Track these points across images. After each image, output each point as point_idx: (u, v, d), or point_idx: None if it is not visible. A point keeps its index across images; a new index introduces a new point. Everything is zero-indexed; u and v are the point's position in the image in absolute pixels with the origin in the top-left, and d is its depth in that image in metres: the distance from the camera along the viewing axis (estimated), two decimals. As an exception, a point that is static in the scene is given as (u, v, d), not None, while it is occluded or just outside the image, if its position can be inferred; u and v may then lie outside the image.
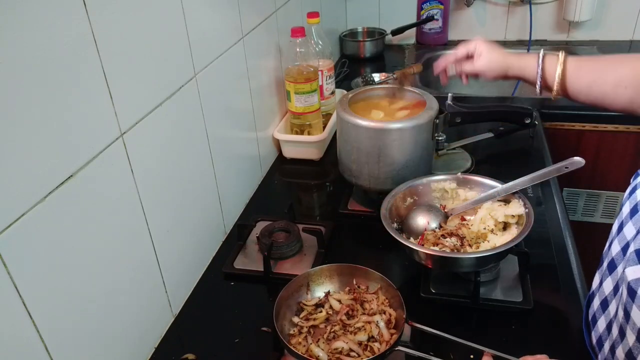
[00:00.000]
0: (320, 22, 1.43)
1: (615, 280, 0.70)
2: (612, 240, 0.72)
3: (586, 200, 1.65)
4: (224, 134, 1.11)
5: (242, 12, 1.14)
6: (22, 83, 0.58)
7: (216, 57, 1.04)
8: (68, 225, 0.66)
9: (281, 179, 1.36)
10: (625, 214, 0.69)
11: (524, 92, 1.96)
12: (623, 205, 0.71)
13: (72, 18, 0.65)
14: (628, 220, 0.68)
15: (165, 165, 0.89)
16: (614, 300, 0.69)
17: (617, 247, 0.69)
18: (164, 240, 0.89)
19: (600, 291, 0.74)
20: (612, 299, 0.70)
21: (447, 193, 1.03)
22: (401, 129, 1.05)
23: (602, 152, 1.55)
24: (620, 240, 0.69)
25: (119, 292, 0.77)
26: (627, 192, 0.71)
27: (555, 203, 1.16)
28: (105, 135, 0.72)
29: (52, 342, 0.64)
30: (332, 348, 0.78)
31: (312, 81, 1.32)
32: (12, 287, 0.58)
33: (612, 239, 0.72)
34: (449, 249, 0.90)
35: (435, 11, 2.02)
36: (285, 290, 0.86)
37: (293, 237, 1.05)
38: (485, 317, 0.90)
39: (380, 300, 0.85)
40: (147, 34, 0.81)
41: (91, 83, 0.69)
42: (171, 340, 0.90)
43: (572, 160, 0.89)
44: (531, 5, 1.93)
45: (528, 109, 1.36)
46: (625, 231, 0.68)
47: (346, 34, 2.09)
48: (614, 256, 0.70)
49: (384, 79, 1.80)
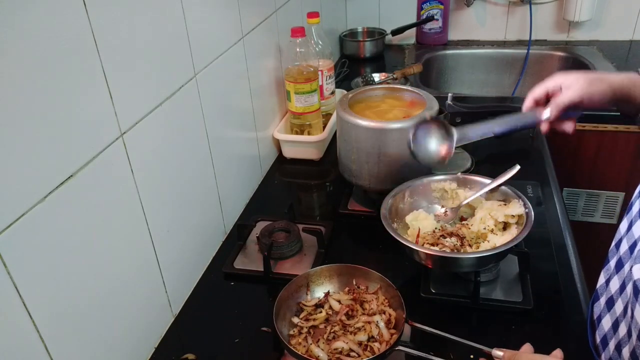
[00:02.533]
0: (320, 22, 1.43)
1: (622, 278, 0.70)
2: (621, 238, 0.71)
3: (586, 200, 1.65)
4: (224, 134, 1.11)
5: (242, 12, 1.14)
6: (22, 83, 0.58)
7: (216, 57, 1.04)
8: (68, 225, 0.66)
9: (281, 179, 1.36)
10: (635, 213, 0.69)
11: (524, 92, 1.96)
12: (633, 205, 0.71)
13: (72, 18, 0.65)
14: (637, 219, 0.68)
15: (165, 165, 0.89)
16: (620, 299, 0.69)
17: (625, 245, 0.69)
18: (164, 240, 0.89)
19: (606, 290, 0.74)
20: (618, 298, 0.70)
21: (447, 193, 1.03)
22: (401, 129, 1.05)
23: (602, 152, 1.55)
24: (628, 238, 0.69)
25: (119, 292, 0.77)
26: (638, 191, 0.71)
27: (555, 203, 1.16)
28: (105, 135, 0.73)
29: (52, 342, 0.64)
30: (332, 348, 0.78)
31: (312, 81, 1.32)
32: (12, 287, 0.58)
33: (620, 237, 0.72)
34: (449, 249, 0.90)
35: (435, 11, 2.02)
36: (285, 291, 0.86)
37: (293, 237, 1.05)
38: (485, 317, 0.90)
39: (380, 301, 0.85)
40: (147, 34, 0.81)
41: (91, 83, 0.69)
42: (171, 340, 0.90)
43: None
44: (531, 5, 1.93)
45: (528, 109, 1.36)
46: (634, 230, 0.68)
47: (346, 34, 2.09)
48: (622, 255, 0.70)
49: (384, 79, 1.80)
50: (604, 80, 0.82)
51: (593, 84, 0.82)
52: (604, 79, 0.82)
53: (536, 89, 0.88)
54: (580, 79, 0.83)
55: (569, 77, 0.84)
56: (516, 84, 1.98)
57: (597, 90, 0.82)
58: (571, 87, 0.84)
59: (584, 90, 0.82)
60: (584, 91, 0.82)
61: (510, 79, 2.00)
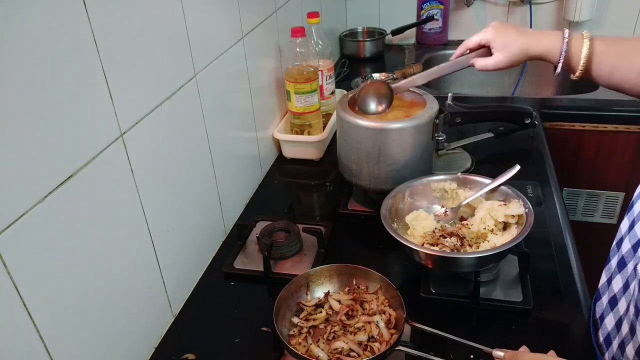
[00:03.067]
0: (320, 22, 1.43)
1: (625, 277, 0.70)
2: (622, 238, 0.71)
3: (586, 200, 1.65)
4: (224, 134, 1.11)
5: (242, 12, 1.14)
6: (22, 83, 0.58)
7: (216, 57, 1.04)
8: (68, 225, 0.66)
9: (281, 179, 1.36)
10: (636, 213, 0.69)
11: (524, 92, 1.96)
12: (634, 204, 0.71)
13: (72, 18, 0.65)
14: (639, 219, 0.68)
15: (165, 165, 0.89)
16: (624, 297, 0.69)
17: (627, 245, 0.69)
18: (164, 240, 0.89)
19: (609, 289, 0.74)
20: (621, 297, 0.70)
21: (447, 193, 1.03)
22: (401, 129, 1.05)
23: (602, 152, 1.55)
24: (631, 238, 0.69)
25: (119, 292, 0.77)
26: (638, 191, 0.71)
27: (555, 203, 1.15)
28: (105, 135, 0.73)
29: (52, 342, 0.64)
30: (332, 348, 0.78)
31: (312, 81, 1.32)
32: (12, 287, 0.58)
33: (621, 237, 0.72)
34: (449, 249, 0.90)
35: (435, 11, 2.02)
36: (285, 291, 0.86)
37: (293, 237, 1.05)
38: (485, 317, 0.90)
39: (380, 301, 0.85)
40: (147, 34, 0.81)
41: (91, 83, 0.69)
42: (171, 340, 0.90)
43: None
44: (531, 5, 1.93)
45: (528, 109, 1.36)
46: (636, 229, 0.68)
47: (346, 34, 2.09)
48: (624, 254, 0.70)
49: (384, 79, 1.79)
50: (522, 47, 0.95)
51: (517, 55, 0.95)
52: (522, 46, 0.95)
53: (471, 41, 1.01)
54: (509, 47, 0.95)
55: (498, 40, 0.96)
56: (516, 84, 1.98)
57: (518, 60, 0.96)
58: (499, 52, 0.97)
59: (508, 60, 0.96)
60: (508, 61, 0.96)
61: (510, 79, 2.00)
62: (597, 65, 0.89)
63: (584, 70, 0.90)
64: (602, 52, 0.89)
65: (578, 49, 0.89)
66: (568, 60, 0.91)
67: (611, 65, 0.88)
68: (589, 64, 0.89)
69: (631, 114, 1.47)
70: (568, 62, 0.91)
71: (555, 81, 1.92)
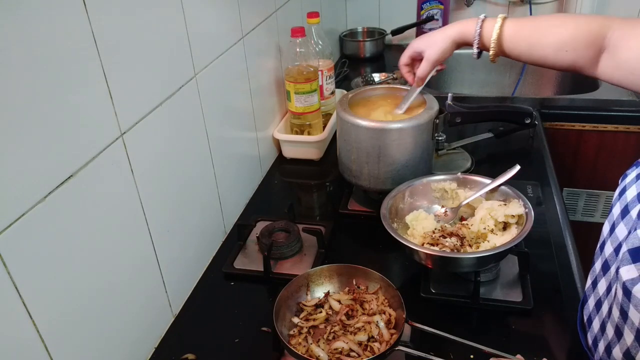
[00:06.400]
0: (320, 22, 1.43)
1: (608, 280, 0.70)
2: (604, 241, 0.72)
3: (586, 200, 1.65)
4: (224, 134, 1.11)
5: (242, 12, 1.14)
6: (22, 83, 0.58)
7: (216, 57, 1.04)
8: (68, 225, 0.66)
9: (281, 179, 1.36)
10: (616, 215, 0.69)
11: (524, 92, 1.96)
12: (613, 207, 0.71)
13: (72, 18, 0.65)
14: (619, 221, 0.68)
15: (165, 165, 0.89)
16: (607, 300, 0.69)
17: (609, 248, 0.70)
18: (164, 240, 0.89)
19: (594, 292, 0.74)
20: (605, 300, 0.70)
21: (447, 193, 1.03)
22: (401, 129, 1.05)
23: (602, 152, 1.55)
24: (612, 241, 0.69)
25: (119, 292, 0.77)
26: (617, 194, 0.72)
27: (555, 203, 1.15)
28: (105, 135, 0.72)
29: (52, 342, 0.64)
30: (332, 348, 0.78)
31: (312, 81, 1.32)
32: (12, 287, 0.58)
33: (603, 240, 0.72)
34: (449, 249, 0.90)
35: (435, 11, 2.02)
36: (285, 291, 0.86)
37: (293, 237, 1.05)
38: (485, 317, 0.90)
39: (380, 301, 0.85)
40: (147, 34, 0.81)
41: (91, 83, 0.69)
42: (171, 340, 0.90)
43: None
44: (531, 5, 1.93)
45: (528, 109, 1.36)
46: (617, 232, 0.68)
47: (346, 34, 2.09)
48: (607, 257, 0.70)
49: (384, 79, 1.80)
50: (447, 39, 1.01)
51: (442, 45, 1.02)
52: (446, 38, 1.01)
53: (403, 58, 1.10)
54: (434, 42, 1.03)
55: (422, 43, 1.05)
56: (516, 84, 1.98)
57: (446, 48, 1.02)
58: (427, 49, 1.04)
59: (436, 52, 1.03)
60: (436, 53, 1.03)
61: (510, 79, 2.00)
62: (513, 45, 0.94)
63: (496, 48, 0.95)
64: (515, 31, 0.93)
65: (490, 29, 0.95)
66: (482, 40, 0.97)
67: (527, 43, 0.92)
68: (501, 43, 0.94)
69: (631, 114, 1.47)
70: (482, 42, 0.98)
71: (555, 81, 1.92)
